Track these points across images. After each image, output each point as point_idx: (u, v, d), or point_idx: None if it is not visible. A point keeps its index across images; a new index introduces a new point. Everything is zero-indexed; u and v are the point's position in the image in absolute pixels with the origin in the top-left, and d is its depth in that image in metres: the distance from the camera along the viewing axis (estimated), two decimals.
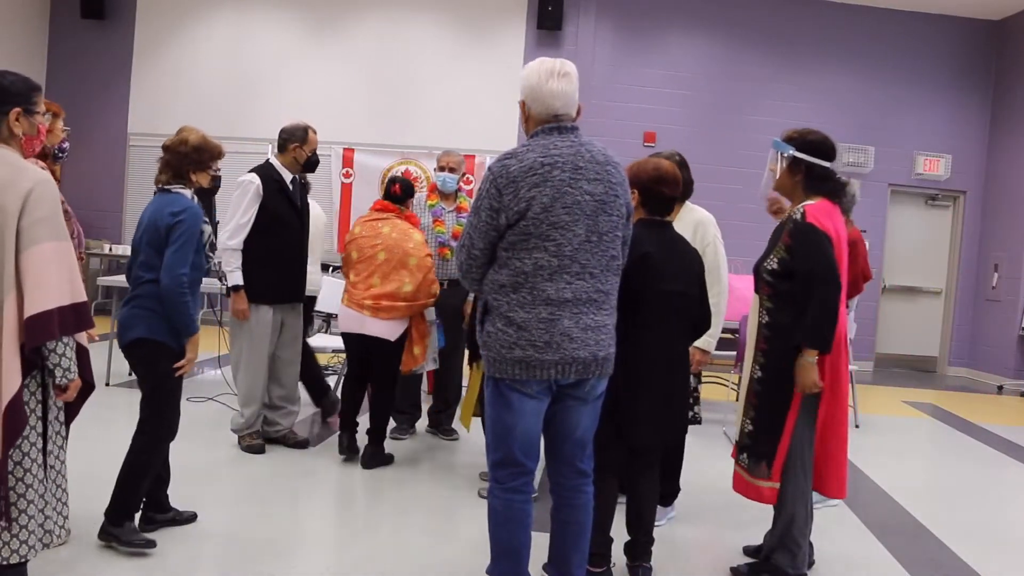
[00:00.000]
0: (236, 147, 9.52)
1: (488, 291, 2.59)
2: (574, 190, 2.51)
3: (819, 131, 3.22)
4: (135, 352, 3.20)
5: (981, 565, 3.71)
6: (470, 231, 2.58)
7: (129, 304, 3.20)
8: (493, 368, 2.57)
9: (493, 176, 2.54)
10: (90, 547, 3.16)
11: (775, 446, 3.11)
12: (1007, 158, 9.88)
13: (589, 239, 2.54)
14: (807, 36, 10.02)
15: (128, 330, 3.17)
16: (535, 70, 2.61)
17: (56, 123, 3.58)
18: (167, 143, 3.32)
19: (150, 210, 3.23)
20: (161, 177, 3.28)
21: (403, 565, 3.25)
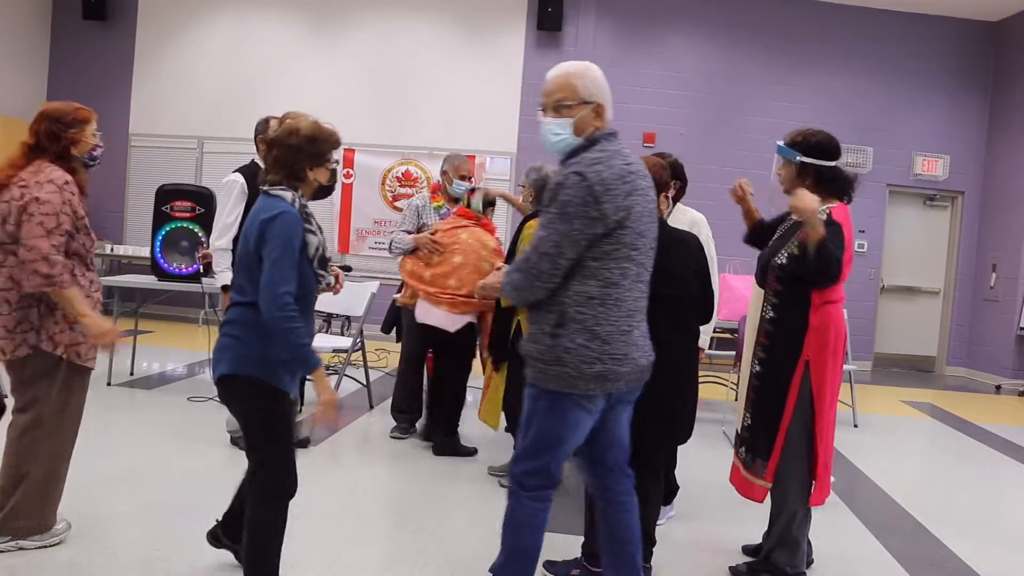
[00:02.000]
0: (236, 148, 9.56)
1: (571, 304, 2.44)
2: (647, 198, 2.54)
3: (821, 130, 3.24)
4: (224, 390, 2.65)
5: (979, 563, 3.73)
6: (557, 239, 2.40)
7: (221, 331, 2.66)
8: (564, 383, 2.43)
9: (589, 183, 2.39)
10: (91, 547, 3.17)
11: (771, 443, 3.14)
12: (1005, 159, 9.90)
13: (652, 246, 2.58)
14: (806, 37, 10.04)
15: (216, 363, 2.63)
16: (600, 75, 2.63)
17: (86, 129, 3.12)
18: (273, 136, 2.70)
19: (249, 219, 2.67)
20: (270, 177, 2.66)
21: (403, 564, 3.27)
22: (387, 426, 5.27)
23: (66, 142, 3.04)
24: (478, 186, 5.17)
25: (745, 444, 3.24)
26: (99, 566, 3.00)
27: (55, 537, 3.12)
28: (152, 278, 6.17)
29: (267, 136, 4.30)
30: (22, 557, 3.00)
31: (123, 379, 6.23)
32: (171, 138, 10.46)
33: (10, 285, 2.95)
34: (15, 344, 2.97)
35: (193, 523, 3.48)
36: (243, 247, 2.59)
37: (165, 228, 6.08)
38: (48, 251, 2.86)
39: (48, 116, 3.06)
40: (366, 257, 9.88)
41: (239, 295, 2.59)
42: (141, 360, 6.83)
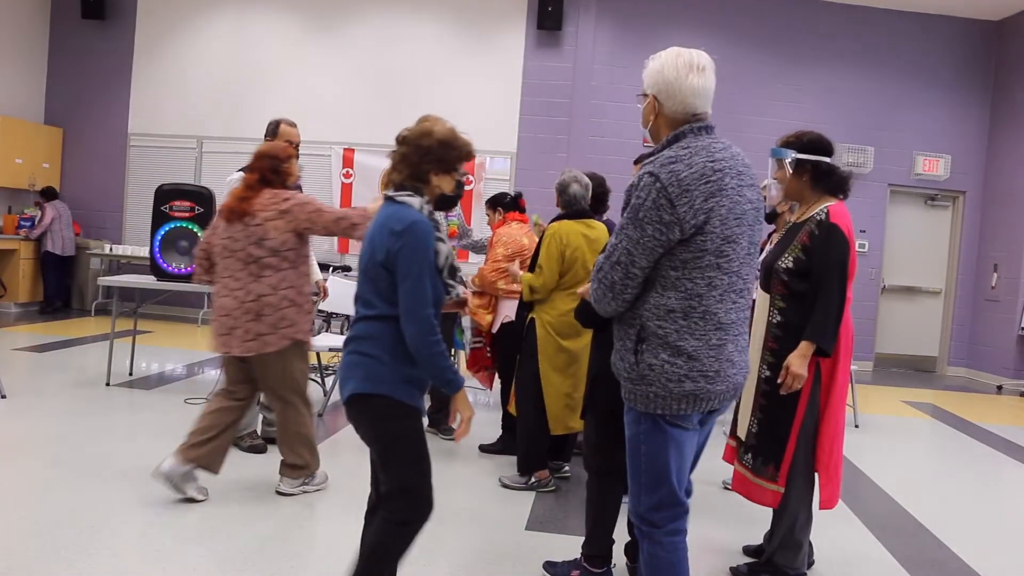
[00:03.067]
0: (236, 147, 9.56)
1: (649, 317, 2.22)
2: (741, 199, 2.24)
3: (812, 130, 3.27)
4: (354, 411, 2.46)
5: (980, 564, 3.72)
6: (628, 247, 2.19)
7: (345, 348, 2.48)
8: (654, 404, 2.22)
9: (662, 184, 2.16)
10: (91, 546, 3.16)
11: (782, 448, 3.13)
12: (1006, 158, 9.89)
13: (749, 251, 2.29)
14: (807, 37, 10.03)
15: (344, 382, 2.44)
16: (670, 63, 2.30)
17: (294, 164, 3.87)
18: (406, 134, 2.60)
19: (373, 226, 2.46)
20: (393, 176, 2.54)
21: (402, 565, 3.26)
22: None
23: (283, 175, 3.78)
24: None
25: (752, 450, 3.22)
26: (98, 566, 2.98)
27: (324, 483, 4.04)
28: (151, 278, 6.15)
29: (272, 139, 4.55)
30: (19, 559, 2.99)
31: (122, 379, 6.22)
32: (170, 137, 10.45)
33: (270, 291, 3.68)
34: (279, 338, 3.69)
35: (193, 523, 3.47)
36: (368, 257, 2.41)
37: (164, 228, 6.07)
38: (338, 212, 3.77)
39: (268, 155, 3.77)
40: None
41: (365, 308, 2.42)
42: (140, 360, 6.82)
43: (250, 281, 3.67)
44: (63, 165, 10.76)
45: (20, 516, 3.39)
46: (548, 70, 10.00)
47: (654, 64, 2.36)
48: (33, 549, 3.08)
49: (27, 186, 10.21)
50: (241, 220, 3.67)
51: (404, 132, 2.61)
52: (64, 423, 4.93)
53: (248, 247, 3.67)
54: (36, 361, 6.87)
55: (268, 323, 3.67)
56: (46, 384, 5.98)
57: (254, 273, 3.68)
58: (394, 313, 2.35)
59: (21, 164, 10.04)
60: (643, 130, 2.44)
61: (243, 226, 3.67)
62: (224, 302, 3.71)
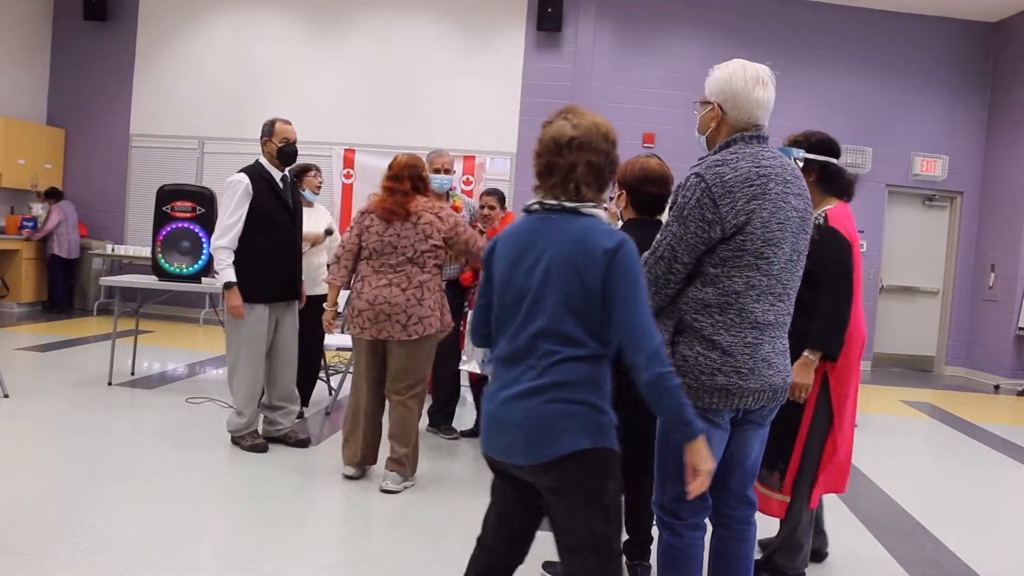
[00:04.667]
0: (237, 148, 9.59)
1: (687, 310, 2.33)
2: (786, 205, 2.32)
3: (820, 131, 3.29)
4: (576, 468, 1.98)
5: (978, 563, 3.75)
6: (672, 243, 2.30)
7: (535, 395, 1.97)
8: (687, 396, 2.13)
9: (707, 184, 2.27)
10: (92, 546, 3.19)
11: (788, 456, 3.15)
12: (1004, 159, 9.92)
13: (791, 258, 2.36)
14: (805, 38, 10.06)
15: (551, 438, 1.96)
16: (738, 75, 2.39)
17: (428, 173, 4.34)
18: (579, 135, 2.06)
19: (550, 242, 2.02)
20: (568, 187, 2.05)
21: (403, 564, 3.29)
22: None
23: (426, 182, 4.25)
24: None
25: None
26: (100, 565, 3.01)
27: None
28: (153, 278, 6.18)
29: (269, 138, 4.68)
30: (21, 558, 3.02)
31: (124, 379, 6.25)
32: (172, 138, 10.48)
33: (430, 277, 4.10)
34: (437, 318, 4.10)
35: (193, 523, 3.50)
36: (565, 282, 1.98)
37: (166, 228, 6.09)
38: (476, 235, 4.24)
39: (413, 165, 4.23)
40: None
41: (569, 347, 1.98)
42: (142, 360, 6.85)
43: (417, 272, 4.08)
44: (65, 166, 10.79)
45: (22, 515, 3.42)
46: (548, 71, 10.03)
47: (720, 73, 2.42)
48: (35, 548, 3.10)
49: (29, 187, 10.23)
50: (407, 220, 4.08)
51: (572, 131, 2.07)
52: (66, 422, 4.96)
53: (415, 243, 4.06)
54: (38, 361, 6.90)
55: (428, 306, 4.06)
56: (48, 384, 6.01)
57: (418, 263, 4.08)
58: (603, 351, 2.03)
59: (23, 165, 10.07)
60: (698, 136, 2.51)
61: (411, 225, 4.08)
62: (382, 292, 4.04)
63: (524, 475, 2.04)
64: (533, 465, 1.99)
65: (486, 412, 2.09)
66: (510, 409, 2.00)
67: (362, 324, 4.06)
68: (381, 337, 4.04)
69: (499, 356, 2.08)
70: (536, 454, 1.98)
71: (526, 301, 2.02)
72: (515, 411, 1.99)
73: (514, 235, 2.10)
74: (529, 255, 2.04)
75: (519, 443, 1.99)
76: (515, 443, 2.00)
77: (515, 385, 2.00)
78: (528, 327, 2.01)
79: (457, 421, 5.43)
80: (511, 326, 2.05)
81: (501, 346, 2.08)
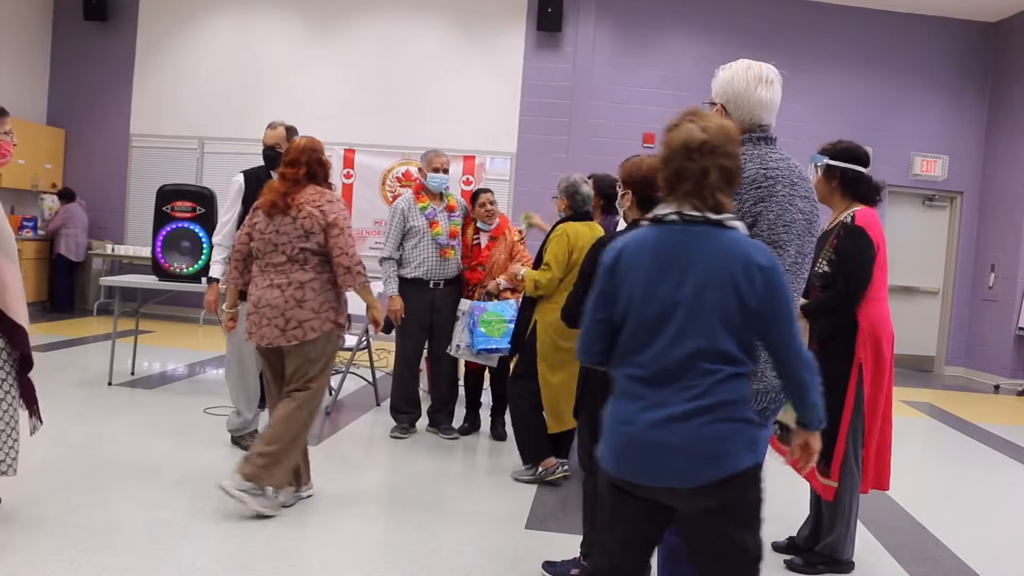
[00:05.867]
0: (237, 148, 9.59)
1: None
2: (792, 207, 2.29)
3: (850, 140, 3.48)
4: (745, 485, 1.94)
5: (978, 562, 3.75)
6: None
7: (698, 416, 1.89)
8: None
9: None
10: (92, 546, 3.19)
11: (832, 446, 3.30)
12: (1004, 159, 9.92)
13: (797, 260, 2.32)
14: (805, 38, 10.06)
15: (717, 459, 1.89)
16: (740, 75, 2.38)
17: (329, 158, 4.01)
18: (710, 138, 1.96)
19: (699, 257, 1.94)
20: (703, 194, 1.96)
21: (402, 564, 3.29)
22: (390, 424, 5.29)
23: (326, 168, 3.88)
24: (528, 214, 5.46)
25: None
26: (100, 565, 3.01)
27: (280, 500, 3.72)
28: (153, 278, 6.19)
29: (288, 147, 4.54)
30: (20, 557, 3.03)
31: (124, 379, 6.25)
32: (172, 138, 10.48)
33: (312, 276, 3.68)
34: (322, 322, 3.68)
35: (193, 523, 3.50)
36: (722, 299, 1.92)
37: (166, 228, 6.10)
38: (359, 258, 3.75)
39: (310, 148, 3.82)
40: (366, 257, 9.81)
41: (730, 366, 1.92)
42: (142, 360, 6.85)
43: (297, 272, 3.67)
44: (65, 166, 10.79)
45: (22, 515, 3.42)
46: (548, 71, 10.03)
47: (724, 74, 2.41)
48: (35, 548, 3.10)
49: (30, 187, 10.24)
50: (287, 214, 3.66)
51: (703, 135, 1.97)
52: (66, 422, 4.95)
53: (294, 240, 3.65)
54: (38, 360, 6.84)
55: (310, 308, 3.66)
56: (48, 384, 6.00)
57: (298, 261, 3.67)
58: (753, 367, 2.00)
59: (24, 165, 10.07)
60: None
61: (291, 220, 3.66)
62: (264, 294, 3.67)
63: (670, 498, 1.94)
64: (692, 488, 1.90)
65: (624, 435, 1.95)
66: (665, 432, 1.89)
67: (250, 328, 3.75)
68: (263, 343, 3.70)
69: (636, 376, 1.97)
70: (700, 476, 1.89)
71: (676, 318, 1.92)
72: (672, 434, 1.89)
73: (649, 247, 1.98)
74: (674, 270, 1.94)
75: (680, 466, 1.89)
76: (676, 467, 1.89)
77: (667, 407, 1.90)
78: (681, 345, 1.91)
79: (457, 421, 5.44)
80: (655, 344, 1.94)
81: (638, 365, 1.97)
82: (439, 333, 5.15)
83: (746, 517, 1.97)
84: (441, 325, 5.13)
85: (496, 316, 4.94)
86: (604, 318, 2.05)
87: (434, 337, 5.18)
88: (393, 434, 5.18)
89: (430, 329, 5.16)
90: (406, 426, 5.23)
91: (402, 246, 5.16)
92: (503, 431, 5.29)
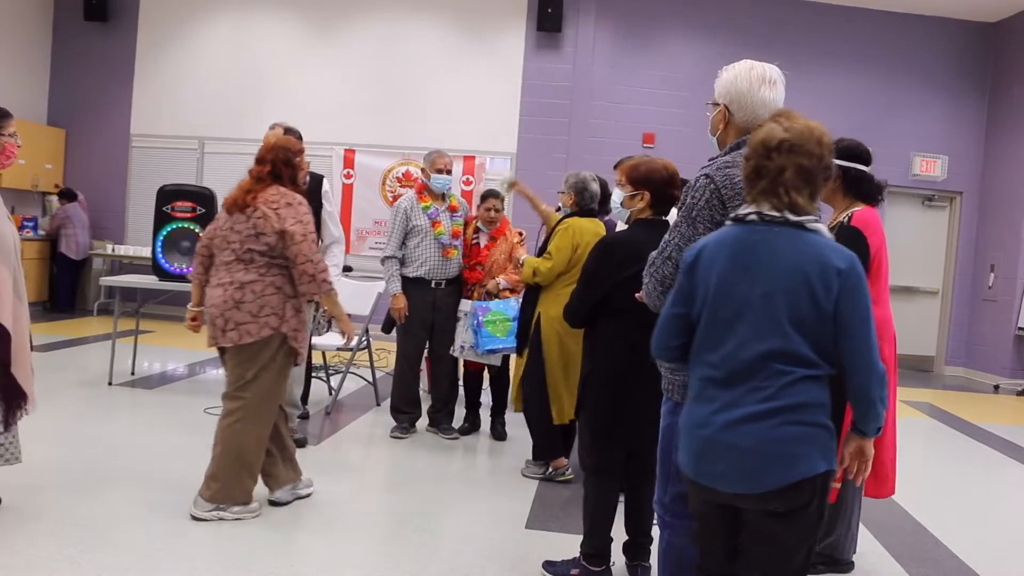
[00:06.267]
0: (237, 148, 9.59)
1: None
2: None
3: (850, 138, 3.38)
4: (815, 490, 1.91)
5: (978, 562, 3.75)
6: (680, 243, 2.27)
7: (767, 418, 1.88)
8: (684, 393, 2.19)
9: (716, 186, 2.26)
10: (92, 545, 3.19)
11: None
12: (1003, 159, 9.92)
13: None
14: (805, 38, 10.06)
15: (787, 463, 1.88)
16: (744, 75, 2.39)
17: (303, 158, 3.80)
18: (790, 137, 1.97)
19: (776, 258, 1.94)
20: (778, 191, 1.96)
21: (402, 564, 3.29)
22: (390, 424, 5.29)
23: (294, 169, 3.68)
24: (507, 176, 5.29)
25: None
26: (100, 565, 3.01)
27: (252, 513, 3.57)
28: (153, 278, 6.19)
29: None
30: (20, 557, 3.03)
31: (124, 379, 6.25)
32: (172, 139, 10.48)
33: (254, 278, 3.52)
34: (259, 327, 3.49)
35: (193, 523, 3.50)
36: (798, 301, 1.90)
37: (166, 228, 6.11)
38: (318, 260, 3.54)
39: (281, 147, 3.66)
40: (367, 257, 9.89)
41: (803, 368, 1.90)
42: (142, 360, 6.86)
43: (241, 272, 3.53)
44: (65, 166, 10.79)
45: (22, 514, 3.42)
46: (548, 71, 10.04)
47: (727, 75, 2.42)
48: (35, 548, 3.11)
49: (30, 187, 10.24)
50: (243, 212, 3.54)
51: (783, 134, 1.97)
52: (66, 422, 4.96)
53: (244, 239, 3.53)
54: (38, 360, 6.86)
55: (249, 311, 3.49)
56: (48, 383, 6.00)
57: (244, 261, 3.54)
58: (832, 372, 1.95)
59: (24, 165, 10.07)
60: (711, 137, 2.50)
61: (245, 218, 3.54)
62: (213, 292, 3.59)
63: (738, 501, 1.94)
64: (761, 493, 1.89)
65: (698, 437, 1.97)
66: (734, 434, 1.89)
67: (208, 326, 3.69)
68: (208, 343, 3.63)
69: (710, 377, 1.97)
70: (768, 481, 1.88)
71: (749, 318, 1.92)
72: (741, 436, 1.89)
73: (728, 246, 1.99)
74: (751, 269, 1.94)
75: (748, 469, 1.89)
76: (743, 470, 1.89)
77: (737, 408, 1.90)
78: (754, 346, 1.91)
79: (457, 421, 5.44)
80: (727, 343, 1.94)
81: (711, 365, 1.97)
82: (440, 333, 5.16)
83: (815, 523, 1.94)
84: (442, 325, 5.14)
85: (500, 315, 4.94)
86: (681, 313, 2.06)
87: (435, 337, 5.19)
88: (393, 434, 5.18)
89: (431, 329, 5.17)
90: (406, 426, 5.24)
91: (404, 245, 5.16)
92: (503, 431, 5.30)
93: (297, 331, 3.61)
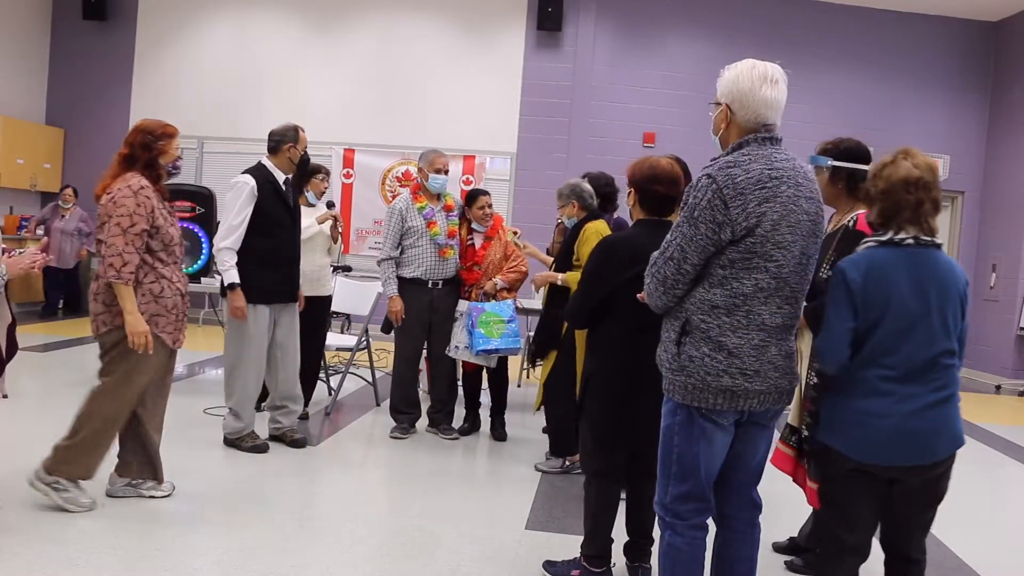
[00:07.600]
0: (237, 148, 9.58)
1: (694, 311, 2.33)
2: (797, 208, 2.31)
3: (851, 138, 3.33)
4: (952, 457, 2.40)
5: (979, 563, 3.74)
6: (682, 243, 2.30)
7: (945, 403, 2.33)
8: (691, 395, 2.32)
9: (718, 186, 2.26)
10: (92, 545, 3.18)
11: None
12: (1005, 159, 9.91)
13: (801, 261, 2.35)
14: (806, 37, 10.05)
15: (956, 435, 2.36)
16: (745, 74, 2.39)
17: (172, 143, 3.68)
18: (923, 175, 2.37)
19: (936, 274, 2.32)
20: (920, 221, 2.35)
21: (402, 564, 3.28)
22: (390, 424, 5.28)
23: (156, 152, 3.57)
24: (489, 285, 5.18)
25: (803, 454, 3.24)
26: (100, 566, 3.01)
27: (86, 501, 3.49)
28: None
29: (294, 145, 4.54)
30: (20, 559, 3.02)
31: None
32: None
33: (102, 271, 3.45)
34: (112, 316, 3.45)
35: (192, 523, 3.49)
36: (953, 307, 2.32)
37: None
38: (123, 248, 3.38)
39: (142, 130, 3.58)
40: (366, 257, 9.88)
41: (956, 359, 2.36)
42: None
43: (98, 262, 3.49)
44: (64, 166, 10.79)
45: (21, 515, 3.41)
46: (548, 71, 10.02)
47: (729, 74, 2.42)
48: (35, 548, 3.10)
49: (28, 186, 10.23)
50: (99, 203, 3.50)
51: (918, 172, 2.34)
52: (66, 423, 4.93)
53: (97, 230, 3.52)
54: (38, 361, 6.90)
55: (102, 302, 3.48)
56: (48, 383, 6.00)
57: (99, 253, 3.49)
58: None
59: (22, 165, 10.07)
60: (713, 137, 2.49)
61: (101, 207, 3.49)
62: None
63: (908, 474, 2.36)
64: (935, 461, 2.35)
65: (879, 427, 2.28)
66: (921, 420, 2.29)
67: None
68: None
69: (886, 376, 2.29)
70: (941, 452, 2.33)
71: (925, 325, 2.29)
72: (927, 421, 2.29)
73: (895, 266, 2.31)
74: (922, 284, 2.30)
75: (931, 445, 2.31)
76: (934, 447, 2.32)
77: (919, 399, 2.29)
78: (930, 348, 2.29)
79: (456, 422, 5.43)
80: (905, 347, 2.29)
81: (888, 366, 2.29)
82: (438, 333, 5.15)
83: (944, 489, 2.48)
84: (440, 325, 5.13)
85: (495, 316, 4.93)
86: (853, 327, 2.32)
87: (432, 337, 5.18)
88: (393, 434, 5.17)
89: (429, 329, 5.15)
90: (406, 426, 5.23)
91: (400, 246, 5.14)
92: (503, 431, 5.29)
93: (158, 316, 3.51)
